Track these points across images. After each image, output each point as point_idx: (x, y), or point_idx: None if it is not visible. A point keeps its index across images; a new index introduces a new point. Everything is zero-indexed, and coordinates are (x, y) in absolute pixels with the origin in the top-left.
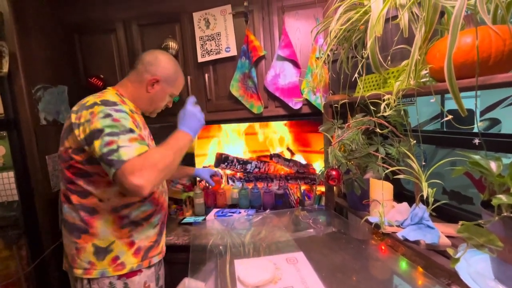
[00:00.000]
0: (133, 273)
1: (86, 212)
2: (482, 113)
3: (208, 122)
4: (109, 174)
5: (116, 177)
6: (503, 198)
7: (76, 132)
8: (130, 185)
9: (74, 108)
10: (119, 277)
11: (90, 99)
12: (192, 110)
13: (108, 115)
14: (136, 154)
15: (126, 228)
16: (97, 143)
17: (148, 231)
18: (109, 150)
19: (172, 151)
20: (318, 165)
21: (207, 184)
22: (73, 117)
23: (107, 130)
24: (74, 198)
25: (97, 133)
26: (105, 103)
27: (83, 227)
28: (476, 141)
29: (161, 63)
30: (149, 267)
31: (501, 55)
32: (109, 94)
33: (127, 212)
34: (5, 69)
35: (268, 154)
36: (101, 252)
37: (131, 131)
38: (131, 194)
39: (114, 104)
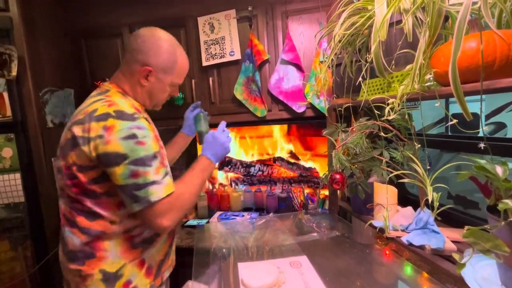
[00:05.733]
0: None
1: (93, 236)
2: (488, 117)
3: (212, 125)
4: (130, 207)
5: (140, 214)
6: (509, 203)
7: (85, 148)
8: (157, 226)
9: (78, 117)
10: None
11: (98, 107)
12: (222, 138)
13: (130, 136)
14: (165, 195)
15: (139, 248)
16: (118, 171)
17: (160, 246)
18: (135, 184)
19: (198, 188)
20: (321, 169)
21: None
22: (78, 129)
23: (131, 157)
24: (81, 220)
25: (118, 159)
26: (121, 116)
27: (88, 252)
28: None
29: (152, 48)
30: (161, 285)
31: (506, 59)
32: (117, 98)
33: (140, 231)
34: (14, 72)
35: (272, 157)
36: (111, 279)
37: (155, 156)
38: (152, 230)
39: (132, 118)
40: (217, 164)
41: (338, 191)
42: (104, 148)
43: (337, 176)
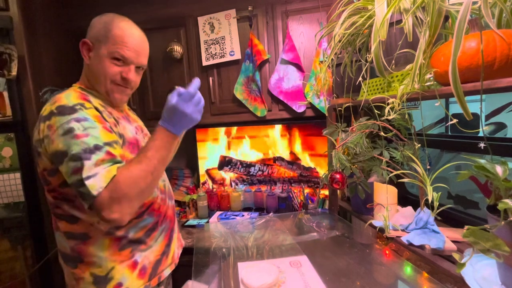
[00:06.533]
0: None
1: (77, 240)
2: (488, 117)
3: (212, 125)
4: (84, 206)
5: (92, 211)
6: (509, 202)
7: (41, 150)
8: (106, 220)
9: (37, 123)
10: None
11: (46, 107)
12: (186, 108)
13: (68, 131)
14: (104, 185)
15: (126, 249)
16: (63, 169)
17: (153, 246)
18: (77, 181)
19: (152, 169)
20: (321, 169)
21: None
22: (36, 133)
23: (70, 153)
24: (62, 225)
25: (60, 156)
26: (62, 111)
27: (76, 256)
28: (482, 145)
29: (92, 23)
30: (159, 284)
31: (506, 59)
32: (71, 92)
33: (123, 233)
34: (14, 72)
35: (272, 157)
36: (101, 282)
37: (96, 148)
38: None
39: (73, 110)
40: (182, 135)
41: (338, 191)
42: (50, 148)
43: (337, 176)
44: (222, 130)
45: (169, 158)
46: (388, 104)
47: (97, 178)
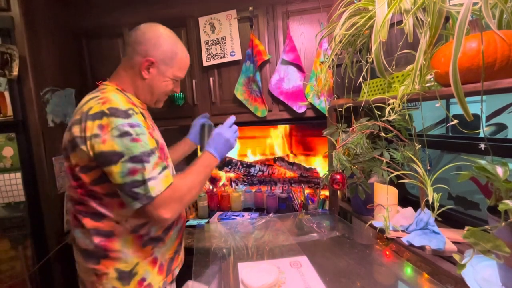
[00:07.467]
0: None
1: (102, 236)
2: (488, 118)
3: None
4: (130, 205)
5: (142, 210)
6: (509, 203)
7: (83, 148)
8: (158, 218)
9: (76, 117)
10: None
11: (93, 105)
12: (227, 134)
13: (124, 134)
14: (162, 188)
15: (148, 246)
16: (115, 169)
17: (169, 244)
18: (133, 181)
19: (199, 181)
20: (321, 169)
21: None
22: (76, 129)
23: (127, 155)
24: (87, 222)
25: (114, 157)
26: (115, 113)
27: (101, 251)
28: (482, 146)
29: (152, 39)
30: (172, 281)
31: (506, 60)
32: (112, 94)
33: (146, 230)
34: (15, 72)
35: (272, 157)
36: (125, 277)
37: (152, 152)
38: (154, 223)
39: (127, 114)
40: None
41: (339, 191)
42: (100, 147)
43: (338, 177)
44: None
45: (209, 176)
46: (388, 104)
47: (157, 181)
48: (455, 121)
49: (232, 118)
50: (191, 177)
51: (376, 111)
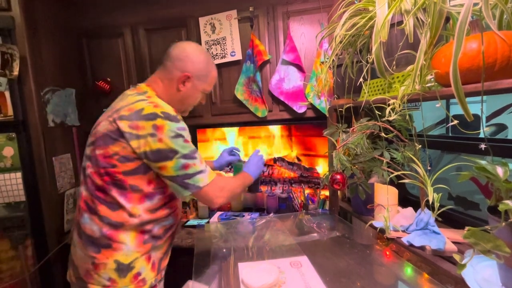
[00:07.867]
0: None
1: (111, 226)
2: (489, 118)
3: (213, 125)
4: (180, 193)
5: (193, 195)
6: (510, 204)
7: (134, 143)
8: (212, 202)
9: (123, 113)
10: None
11: (144, 106)
12: (261, 161)
13: (179, 135)
14: (208, 181)
15: (149, 243)
16: (170, 164)
17: (163, 243)
18: (185, 174)
19: (242, 184)
20: (322, 169)
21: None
22: (125, 124)
23: (181, 152)
24: (102, 209)
25: (170, 154)
26: (169, 117)
27: (105, 241)
28: (483, 146)
29: (191, 57)
30: (161, 280)
31: (507, 60)
32: (159, 100)
33: (150, 227)
34: (16, 72)
35: (272, 157)
36: (123, 269)
37: (196, 151)
38: (205, 204)
39: (177, 119)
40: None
41: (339, 191)
42: (157, 145)
43: (338, 177)
44: (234, 130)
45: (243, 187)
46: (389, 105)
47: (205, 175)
48: (456, 122)
49: (258, 150)
50: (232, 181)
51: (377, 111)
